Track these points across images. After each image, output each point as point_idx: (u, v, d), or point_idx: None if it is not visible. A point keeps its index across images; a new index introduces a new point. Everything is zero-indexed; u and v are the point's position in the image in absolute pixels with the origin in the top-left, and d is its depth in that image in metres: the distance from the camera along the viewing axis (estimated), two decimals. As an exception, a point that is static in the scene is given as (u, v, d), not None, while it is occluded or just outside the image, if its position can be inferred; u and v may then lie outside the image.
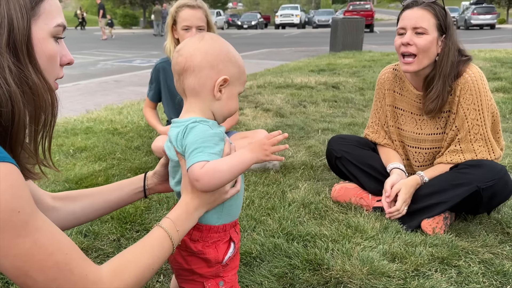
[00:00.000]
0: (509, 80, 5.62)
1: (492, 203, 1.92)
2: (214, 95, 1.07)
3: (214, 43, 1.09)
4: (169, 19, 2.66)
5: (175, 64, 1.08)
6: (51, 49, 0.88)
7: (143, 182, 1.28)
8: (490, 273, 1.60)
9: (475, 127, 1.93)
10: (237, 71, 1.11)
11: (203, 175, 0.98)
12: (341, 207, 2.16)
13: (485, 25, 28.69)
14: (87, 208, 1.23)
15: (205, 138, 1.01)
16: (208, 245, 1.09)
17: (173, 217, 1.03)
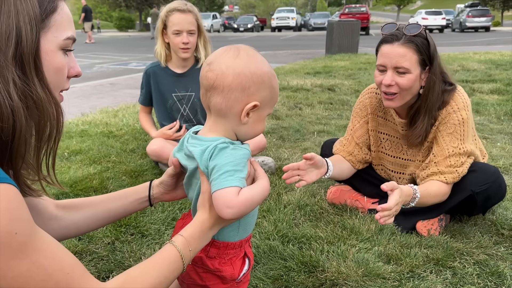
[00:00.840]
0: (504, 82, 5.65)
1: (487, 205, 1.93)
2: (241, 119, 1.01)
3: (250, 62, 1.00)
4: (159, 23, 2.65)
5: (204, 78, 1.01)
6: (59, 61, 0.86)
7: (149, 191, 1.25)
8: (485, 274, 1.60)
9: (455, 156, 1.83)
10: (269, 94, 1.03)
11: (240, 204, 0.95)
12: (337, 209, 2.15)
13: (480, 27, 28.90)
14: (89, 218, 1.20)
15: (236, 161, 0.97)
16: (225, 262, 1.07)
17: (187, 235, 0.99)
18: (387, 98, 1.86)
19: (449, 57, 8.77)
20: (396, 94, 1.83)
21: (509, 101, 4.62)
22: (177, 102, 2.76)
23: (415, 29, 1.78)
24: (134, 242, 1.83)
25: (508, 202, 2.20)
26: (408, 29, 1.78)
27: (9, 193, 0.73)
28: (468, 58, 8.70)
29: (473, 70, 6.97)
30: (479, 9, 30.35)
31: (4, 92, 0.76)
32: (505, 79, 5.88)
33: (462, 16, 30.28)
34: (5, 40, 0.77)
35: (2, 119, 0.76)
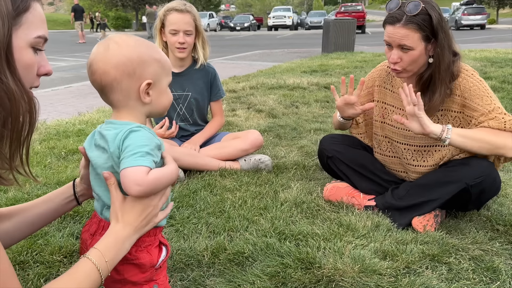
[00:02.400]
0: (499, 79, 5.67)
1: (481, 199, 1.94)
2: (142, 101, 1.05)
3: (121, 48, 1.02)
4: (158, 22, 2.66)
5: (92, 82, 1.05)
6: (28, 58, 0.88)
7: (73, 189, 1.25)
8: (480, 270, 1.62)
9: (496, 108, 1.82)
10: (158, 67, 1.06)
11: (148, 183, 0.97)
12: (333, 206, 2.17)
13: (475, 25, 28.98)
14: (20, 225, 1.20)
15: (150, 146, 0.99)
16: (141, 250, 1.07)
17: (101, 247, 0.98)
18: (396, 72, 1.94)
19: (445, 55, 8.78)
20: (405, 69, 1.90)
21: (504, 98, 4.64)
22: (173, 101, 2.76)
23: (415, 9, 1.83)
24: None
25: (503, 198, 2.21)
26: (409, 9, 1.83)
27: None
28: (463, 55, 8.57)
29: (469, 67, 6.99)
30: (474, 7, 30.40)
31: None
32: (501, 76, 5.90)
33: (457, 14, 30.35)
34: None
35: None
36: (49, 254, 1.70)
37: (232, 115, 4.28)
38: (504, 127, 1.80)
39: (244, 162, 2.70)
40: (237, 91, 5.56)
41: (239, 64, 9.84)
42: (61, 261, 1.68)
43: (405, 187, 2.05)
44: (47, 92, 6.40)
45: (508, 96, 4.76)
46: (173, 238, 1.83)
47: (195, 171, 2.64)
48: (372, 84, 2.22)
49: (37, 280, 1.54)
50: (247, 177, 2.54)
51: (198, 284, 1.54)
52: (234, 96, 5.27)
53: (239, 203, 2.17)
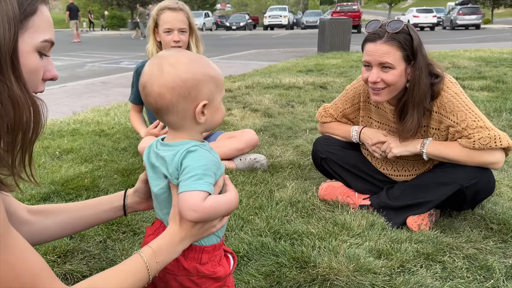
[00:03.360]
0: (494, 79, 5.70)
1: (476, 199, 1.95)
2: (198, 122, 1.04)
3: (176, 70, 0.99)
4: (151, 22, 2.65)
5: (146, 103, 1.03)
6: (34, 63, 0.86)
7: (123, 200, 1.24)
8: (474, 268, 1.62)
9: (471, 122, 1.80)
10: (212, 85, 1.04)
11: (204, 209, 0.97)
12: (328, 205, 2.17)
13: (470, 25, 29.12)
14: (62, 224, 1.20)
15: (207, 166, 0.99)
16: (215, 264, 1.10)
17: (155, 246, 1.00)
18: (374, 93, 1.90)
19: (440, 55, 8.83)
20: (384, 89, 1.86)
21: (498, 98, 4.66)
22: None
23: (397, 26, 1.80)
24: (126, 240, 1.82)
25: (497, 197, 2.22)
26: (391, 26, 1.81)
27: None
28: (458, 55, 8.77)
29: (464, 67, 7.02)
30: (469, 7, 30.55)
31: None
32: (495, 76, 5.93)
33: (452, 14, 30.47)
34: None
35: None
36: (43, 254, 1.69)
37: (228, 115, 4.28)
38: (473, 146, 1.79)
39: (240, 161, 2.70)
40: (233, 91, 5.55)
41: (234, 63, 9.83)
42: (55, 261, 1.67)
43: (400, 187, 2.06)
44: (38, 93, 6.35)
45: (503, 95, 4.78)
46: (168, 238, 1.83)
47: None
48: (358, 100, 2.19)
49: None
50: (242, 176, 2.53)
51: (193, 284, 1.54)
52: (230, 95, 5.26)
53: (234, 203, 2.17)
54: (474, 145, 1.78)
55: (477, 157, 1.81)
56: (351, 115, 2.25)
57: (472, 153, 1.81)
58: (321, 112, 2.34)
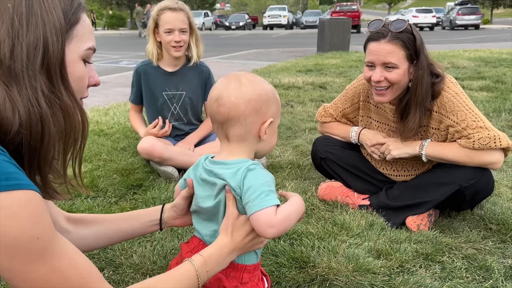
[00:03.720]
0: (493, 79, 5.71)
1: (475, 200, 1.95)
2: (260, 137, 1.09)
3: (254, 86, 1.07)
4: (151, 22, 2.64)
5: (217, 113, 1.07)
6: (80, 71, 0.89)
7: (160, 214, 1.26)
8: (473, 268, 1.63)
9: (471, 122, 1.80)
10: (277, 107, 1.12)
11: (279, 222, 0.98)
12: (328, 205, 2.17)
13: (469, 25, 29.15)
14: (99, 235, 1.22)
15: (269, 182, 1.02)
16: (254, 285, 1.12)
17: (206, 255, 1.03)
18: (378, 93, 1.89)
19: (439, 55, 8.83)
20: (388, 89, 1.85)
21: (498, 98, 4.67)
22: (168, 101, 2.75)
23: (400, 25, 1.80)
24: (143, 243, 1.82)
25: (496, 197, 2.23)
26: (394, 26, 1.81)
27: (33, 199, 0.76)
28: (458, 55, 8.78)
29: (463, 67, 7.03)
30: (469, 7, 30.59)
31: (34, 100, 0.79)
32: (494, 76, 5.94)
33: (452, 14, 30.50)
34: (33, 50, 0.80)
35: (31, 125, 0.79)
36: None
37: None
38: (472, 146, 1.79)
39: (239, 161, 2.69)
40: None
41: (234, 63, 9.83)
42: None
43: (399, 187, 2.06)
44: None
45: (502, 96, 4.79)
46: (167, 238, 1.83)
47: (189, 170, 2.63)
48: (358, 100, 2.19)
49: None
50: (241, 176, 2.53)
51: (192, 284, 1.54)
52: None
53: (233, 203, 2.17)
54: (474, 145, 1.78)
55: (476, 157, 1.81)
56: (351, 114, 2.25)
57: (472, 153, 1.81)
58: (321, 112, 2.35)
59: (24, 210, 0.74)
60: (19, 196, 0.73)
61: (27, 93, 0.79)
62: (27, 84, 0.79)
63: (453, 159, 1.86)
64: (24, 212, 0.74)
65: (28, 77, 0.79)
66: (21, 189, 0.74)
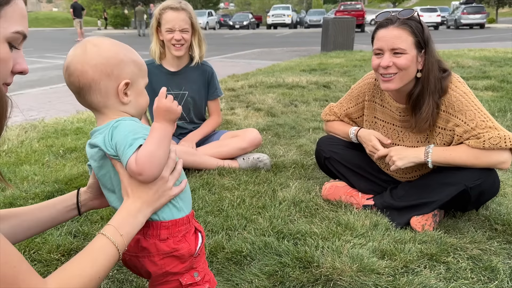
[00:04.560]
0: (498, 79, 5.68)
1: (480, 200, 1.94)
2: (121, 101, 1.07)
3: (99, 49, 1.04)
4: (153, 21, 2.67)
5: (69, 84, 1.05)
6: (3, 53, 0.85)
7: (76, 198, 1.24)
8: (478, 269, 1.62)
9: (480, 122, 1.79)
10: (135, 68, 1.08)
11: (142, 166, 0.97)
12: (332, 205, 2.16)
13: (475, 24, 29.02)
14: (16, 228, 1.18)
15: (134, 130, 1.01)
16: (179, 240, 1.08)
17: (114, 222, 1.00)
18: (385, 80, 1.87)
19: (444, 54, 8.79)
20: (395, 75, 1.84)
21: (503, 98, 4.64)
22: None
23: (408, 13, 1.83)
24: None
25: (501, 198, 2.21)
26: (402, 14, 1.83)
27: None
28: (463, 55, 8.74)
29: (468, 66, 7.00)
30: (474, 6, 30.45)
31: None
32: (500, 75, 5.91)
33: (457, 13, 30.38)
34: None
35: None
36: (47, 253, 1.70)
37: (231, 114, 4.28)
38: (482, 146, 1.78)
39: (243, 160, 2.70)
40: (236, 90, 5.55)
41: (238, 62, 9.82)
42: (59, 259, 1.68)
43: (404, 187, 2.05)
44: (45, 90, 6.38)
45: (507, 95, 4.76)
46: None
47: (193, 169, 2.63)
48: (363, 99, 2.18)
49: (35, 279, 1.53)
50: (245, 176, 2.53)
51: None
52: (233, 94, 5.26)
53: (237, 202, 2.17)
54: (484, 145, 1.77)
55: (485, 158, 1.80)
56: (354, 114, 2.24)
57: (481, 154, 1.79)
58: (326, 111, 2.35)
59: None
60: None
61: None
62: None
63: (461, 163, 1.84)
64: None
65: None
66: None
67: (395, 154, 1.95)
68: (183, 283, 1.09)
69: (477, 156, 1.80)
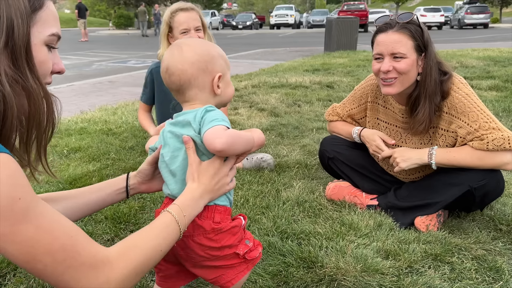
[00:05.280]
0: (502, 79, 5.66)
1: (485, 201, 1.93)
2: (215, 93, 1.16)
3: (194, 49, 1.15)
4: (164, 26, 2.63)
5: (171, 83, 1.15)
6: (43, 55, 0.89)
7: (126, 182, 1.29)
8: (483, 269, 1.61)
9: (483, 124, 1.78)
10: (223, 61, 1.19)
11: (227, 136, 1.05)
12: (335, 205, 2.16)
13: (478, 24, 28.90)
14: (68, 210, 1.22)
15: (225, 119, 1.10)
16: (227, 225, 1.17)
17: (179, 202, 1.07)
18: (385, 84, 1.87)
19: (448, 54, 8.77)
20: (396, 79, 1.84)
21: (507, 98, 4.62)
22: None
23: (407, 17, 1.82)
24: None
25: (506, 198, 2.21)
26: (401, 18, 1.82)
27: (9, 161, 0.76)
28: (466, 55, 8.71)
29: (472, 66, 6.97)
30: (477, 6, 30.33)
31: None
32: (504, 75, 5.89)
33: (460, 13, 30.27)
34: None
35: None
36: (52, 252, 1.70)
37: (234, 114, 4.28)
38: (486, 147, 1.77)
39: (246, 160, 2.70)
40: (239, 90, 5.56)
41: (241, 62, 9.83)
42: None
43: (408, 188, 2.05)
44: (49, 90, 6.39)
45: (511, 95, 4.74)
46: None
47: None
48: (366, 101, 2.18)
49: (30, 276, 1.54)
50: (249, 175, 2.53)
51: (200, 283, 1.54)
52: (236, 94, 5.26)
53: (241, 202, 2.17)
54: (488, 147, 1.76)
55: (489, 159, 1.79)
56: (357, 115, 2.24)
57: (485, 156, 1.79)
58: (329, 111, 2.34)
59: (2, 172, 0.74)
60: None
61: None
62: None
63: (465, 164, 1.83)
64: (2, 173, 0.74)
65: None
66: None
67: (399, 155, 1.94)
68: (241, 254, 1.18)
69: (481, 158, 1.80)
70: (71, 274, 0.83)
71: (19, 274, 1.60)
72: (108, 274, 0.87)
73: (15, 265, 1.64)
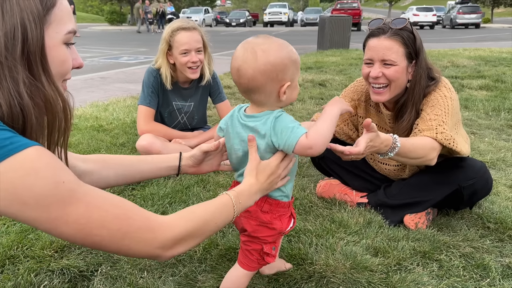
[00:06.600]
0: (492, 78, 5.71)
1: (473, 199, 1.95)
2: (280, 99, 1.19)
3: (268, 56, 1.14)
4: (163, 44, 2.52)
5: (238, 84, 1.19)
6: (63, 55, 0.88)
7: (179, 161, 1.37)
8: (471, 267, 1.63)
9: (439, 122, 1.74)
10: (294, 68, 1.18)
11: (313, 141, 1.12)
12: (326, 203, 2.17)
13: (470, 24, 29.10)
14: (121, 176, 1.30)
15: (293, 121, 1.18)
16: (275, 217, 1.27)
17: (238, 190, 1.14)
18: (376, 92, 1.86)
19: (439, 53, 8.83)
20: (386, 88, 1.83)
21: (497, 97, 4.67)
22: (176, 110, 2.74)
23: (400, 23, 1.80)
24: None
25: (494, 196, 2.23)
26: (394, 23, 1.81)
27: (43, 151, 0.78)
28: (458, 54, 8.77)
29: (463, 66, 7.03)
30: (469, 6, 30.52)
31: (14, 92, 0.79)
32: (494, 75, 5.94)
33: (452, 13, 30.44)
34: (11, 39, 0.78)
35: (13, 118, 0.79)
36: (40, 249, 1.69)
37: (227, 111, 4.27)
38: (435, 136, 1.70)
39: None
40: (232, 87, 5.55)
41: (234, 60, 9.79)
42: (52, 255, 1.67)
43: (398, 186, 2.06)
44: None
45: (502, 95, 4.79)
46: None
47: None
48: (359, 98, 2.14)
49: (27, 275, 1.53)
50: (240, 173, 2.53)
51: (190, 280, 1.54)
52: (229, 92, 5.25)
53: (232, 199, 2.17)
54: (437, 137, 1.70)
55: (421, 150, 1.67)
56: (346, 114, 2.22)
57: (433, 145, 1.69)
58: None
59: (39, 163, 0.76)
60: (28, 153, 0.75)
61: (7, 85, 0.78)
62: (7, 76, 0.78)
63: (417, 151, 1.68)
64: (39, 164, 0.76)
65: (8, 68, 0.78)
66: (27, 148, 0.75)
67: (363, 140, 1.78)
68: (264, 250, 1.28)
69: (427, 147, 1.68)
70: (129, 239, 0.87)
71: (6, 271, 1.58)
72: (166, 234, 0.92)
73: (2, 262, 1.62)
